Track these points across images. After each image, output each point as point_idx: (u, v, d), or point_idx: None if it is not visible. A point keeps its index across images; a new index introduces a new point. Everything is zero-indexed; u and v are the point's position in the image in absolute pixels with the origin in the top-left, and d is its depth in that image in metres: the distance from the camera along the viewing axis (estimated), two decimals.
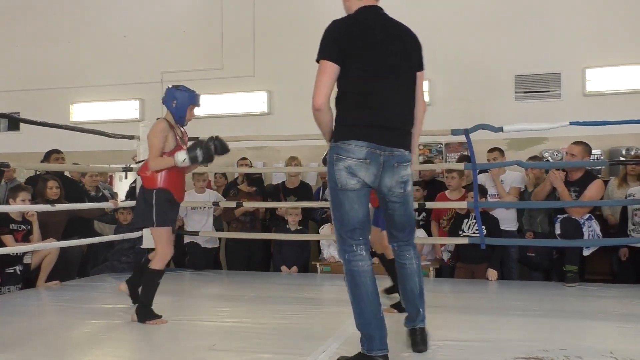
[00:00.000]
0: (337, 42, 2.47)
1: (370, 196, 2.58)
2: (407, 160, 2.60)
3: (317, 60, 2.50)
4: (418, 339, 2.70)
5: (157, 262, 3.46)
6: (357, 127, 2.48)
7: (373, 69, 2.50)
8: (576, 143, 4.89)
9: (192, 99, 3.56)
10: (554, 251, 5.01)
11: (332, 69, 2.46)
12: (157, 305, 3.45)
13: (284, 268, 5.63)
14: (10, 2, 8.80)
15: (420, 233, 5.46)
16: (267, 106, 7.53)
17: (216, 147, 3.52)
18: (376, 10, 2.62)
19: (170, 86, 3.63)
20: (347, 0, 2.65)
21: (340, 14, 2.66)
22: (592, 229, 4.62)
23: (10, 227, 4.64)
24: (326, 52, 2.47)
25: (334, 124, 2.56)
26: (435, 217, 5.55)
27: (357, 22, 2.54)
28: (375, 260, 5.66)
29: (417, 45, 2.69)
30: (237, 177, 6.66)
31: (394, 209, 2.63)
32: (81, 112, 8.40)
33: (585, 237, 4.58)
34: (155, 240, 3.51)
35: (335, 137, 2.53)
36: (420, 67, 2.69)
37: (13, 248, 4.41)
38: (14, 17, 8.74)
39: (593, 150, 6.20)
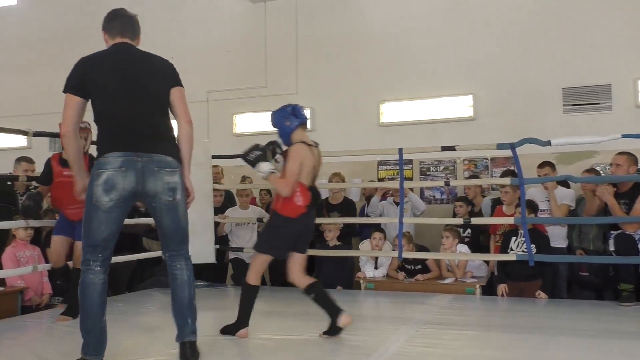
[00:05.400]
0: (81, 74, 2.78)
1: (123, 216, 2.77)
2: (170, 166, 2.79)
3: (64, 92, 2.79)
4: (188, 353, 2.79)
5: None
6: (110, 139, 2.75)
7: (116, 91, 2.78)
8: (620, 153, 4.74)
9: None
10: (610, 268, 4.81)
11: (74, 100, 2.77)
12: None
13: None
14: None
15: (462, 248, 5.37)
16: (311, 123, 7.59)
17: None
18: (126, 46, 2.93)
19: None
20: (106, 41, 3.00)
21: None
22: None
23: None
24: (69, 85, 2.79)
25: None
26: (492, 231, 5.49)
27: (104, 55, 2.88)
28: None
29: (168, 70, 2.98)
30: None
31: (161, 215, 2.80)
32: None
33: None
34: None
35: (97, 156, 2.76)
36: (174, 84, 2.97)
37: None
38: None
39: None
